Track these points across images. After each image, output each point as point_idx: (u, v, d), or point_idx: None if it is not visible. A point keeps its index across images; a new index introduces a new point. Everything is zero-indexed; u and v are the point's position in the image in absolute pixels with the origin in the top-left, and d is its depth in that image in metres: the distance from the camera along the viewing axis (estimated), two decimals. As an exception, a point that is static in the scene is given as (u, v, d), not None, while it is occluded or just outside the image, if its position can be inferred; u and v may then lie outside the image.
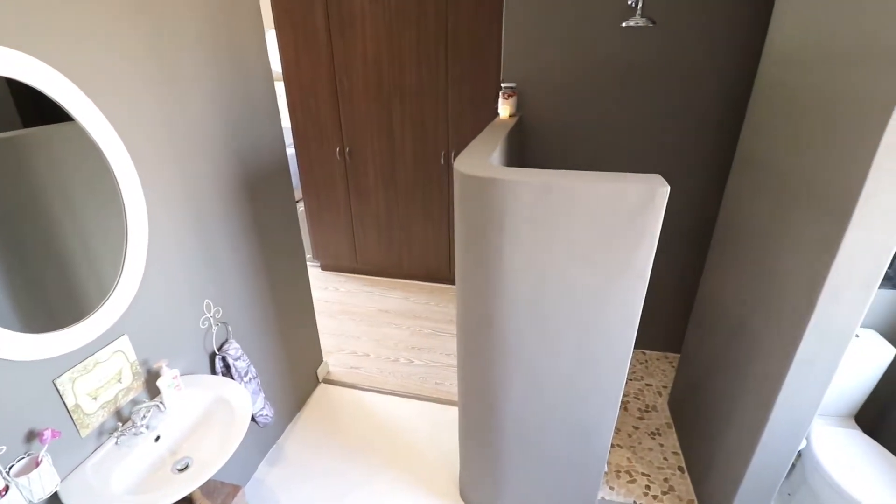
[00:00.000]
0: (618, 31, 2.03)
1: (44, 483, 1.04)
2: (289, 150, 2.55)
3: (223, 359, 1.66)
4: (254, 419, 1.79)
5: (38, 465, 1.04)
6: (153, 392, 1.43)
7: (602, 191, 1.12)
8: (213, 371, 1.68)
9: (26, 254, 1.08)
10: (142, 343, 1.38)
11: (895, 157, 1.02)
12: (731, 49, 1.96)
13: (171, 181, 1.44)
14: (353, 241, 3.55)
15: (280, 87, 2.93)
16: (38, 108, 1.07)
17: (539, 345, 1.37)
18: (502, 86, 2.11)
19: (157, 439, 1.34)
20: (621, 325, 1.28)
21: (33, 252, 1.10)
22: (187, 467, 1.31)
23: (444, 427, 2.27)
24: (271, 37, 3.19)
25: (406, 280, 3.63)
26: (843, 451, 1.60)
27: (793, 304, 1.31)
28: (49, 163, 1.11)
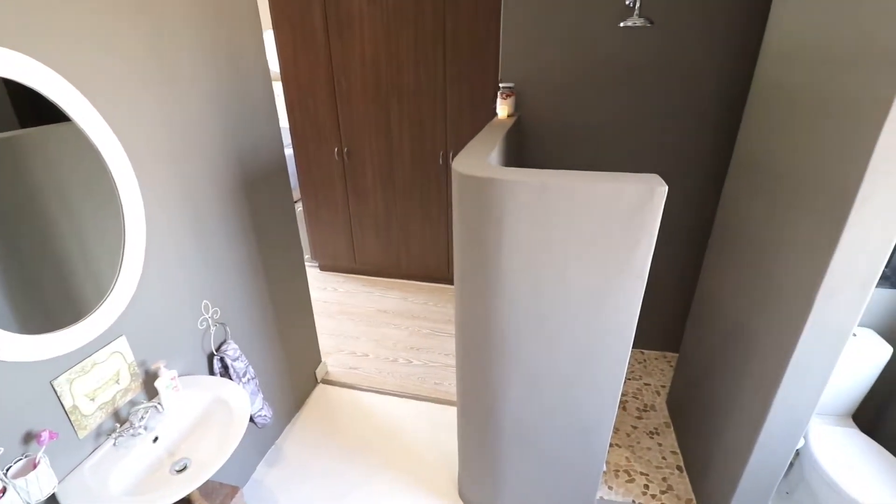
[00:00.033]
0: (616, 31, 2.03)
1: (41, 485, 1.04)
2: (287, 151, 2.55)
3: (221, 359, 1.66)
4: (252, 420, 1.79)
5: (35, 466, 1.04)
6: (151, 393, 1.42)
7: (600, 191, 1.12)
8: (211, 372, 1.68)
9: (23, 254, 1.08)
10: (140, 344, 1.38)
11: (891, 158, 1.02)
12: (730, 49, 1.97)
13: (169, 181, 1.44)
14: (351, 242, 3.55)
15: (278, 87, 2.93)
16: (35, 109, 1.07)
17: (537, 344, 1.37)
18: (500, 86, 2.11)
19: (156, 440, 1.34)
20: (620, 325, 1.28)
21: (30, 253, 1.10)
22: (185, 468, 1.31)
23: (442, 427, 2.27)
24: (269, 37, 3.19)
25: (404, 280, 3.63)
26: (841, 450, 1.61)
27: (790, 304, 1.32)
28: (46, 163, 1.11)
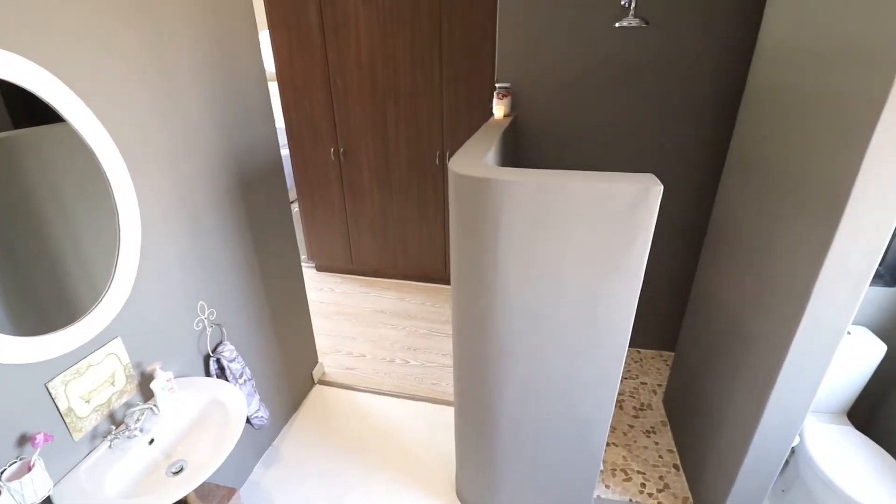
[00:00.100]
0: (612, 31, 2.03)
1: (36, 487, 1.04)
2: (283, 151, 2.55)
3: (217, 361, 1.65)
4: (249, 421, 1.78)
5: (30, 469, 1.03)
6: (147, 395, 1.42)
7: (596, 190, 1.12)
8: (207, 373, 1.67)
9: (17, 256, 1.07)
10: (135, 345, 1.37)
11: (884, 158, 1.03)
12: (726, 49, 1.98)
13: (165, 182, 1.43)
14: (347, 242, 3.55)
15: (274, 88, 2.93)
16: (28, 109, 1.06)
17: (534, 344, 1.37)
18: (497, 86, 2.11)
19: (151, 442, 1.33)
20: (616, 324, 1.29)
21: (24, 254, 1.09)
22: (182, 470, 1.31)
23: (440, 427, 2.27)
24: (265, 37, 3.19)
25: (401, 280, 3.62)
26: (836, 448, 1.62)
27: (785, 303, 1.32)
28: (40, 164, 1.10)
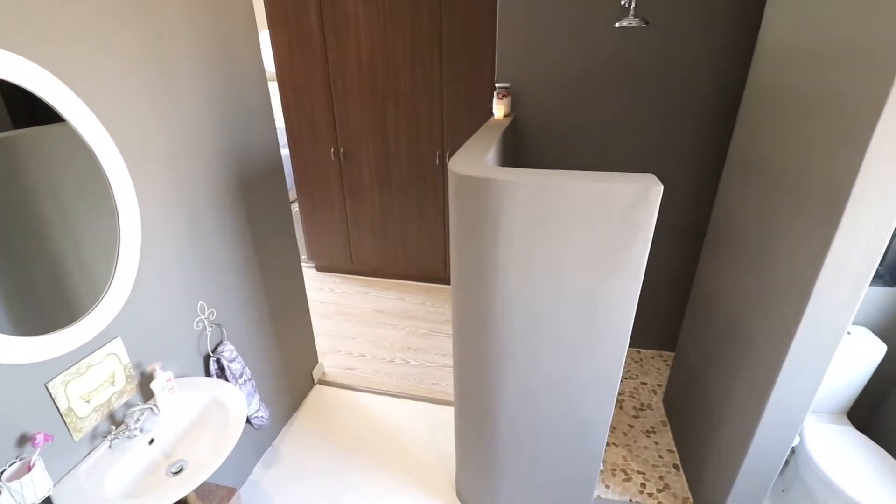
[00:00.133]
0: (612, 31, 2.03)
1: (36, 487, 1.04)
2: (283, 151, 2.55)
3: (217, 361, 1.65)
4: (249, 421, 1.78)
5: (30, 469, 1.03)
6: (147, 395, 1.42)
7: (596, 190, 1.12)
8: (207, 373, 1.67)
9: (17, 256, 1.07)
10: (135, 345, 1.37)
11: (884, 158, 1.03)
12: (726, 49, 1.98)
13: (165, 182, 1.43)
14: (347, 242, 3.55)
15: (274, 88, 2.93)
16: (28, 109, 1.06)
17: (534, 344, 1.37)
18: (497, 86, 2.11)
19: (151, 442, 1.33)
20: (616, 324, 1.29)
21: (25, 254, 1.09)
22: (182, 470, 1.31)
23: (440, 427, 2.27)
24: (265, 37, 3.19)
25: (401, 280, 3.62)
26: (836, 448, 1.62)
27: (785, 303, 1.32)
28: (40, 164, 1.10)
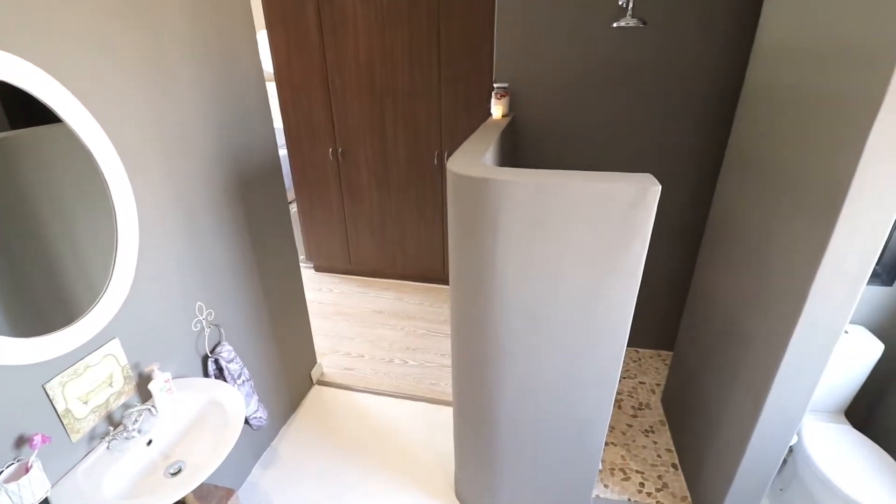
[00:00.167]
0: (610, 31, 2.03)
1: (34, 489, 1.03)
2: (281, 151, 2.54)
3: (216, 361, 1.65)
4: (247, 422, 1.78)
5: (27, 470, 1.03)
6: (145, 396, 1.41)
7: (594, 190, 1.12)
8: (205, 374, 1.67)
9: (15, 256, 1.07)
10: (133, 346, 1.37)
11: (881, 157, 1.03)
12: (724, 49, 1.98)
13: (162, 182, 1.43)
14: (346, 242, 3.54)
15: (272, 88, 2.92)
16: (25, 110, 1.06)
17: (533, 344, 1.37)
18: (495, 86, 2.11)
19: (150, 443, 1.33)
20: (614, 324, 1.29)
21: (22, 254, 1.09)
22: (180, 471, 1.30)
23: (438, 427, 2.27)
24: (263, 37, 3.18)
25: (400, 281, 3.62)
26: (834, 447, 1.62)
27: (782, 302, 1.33)
28: (37, 164, 1.10)
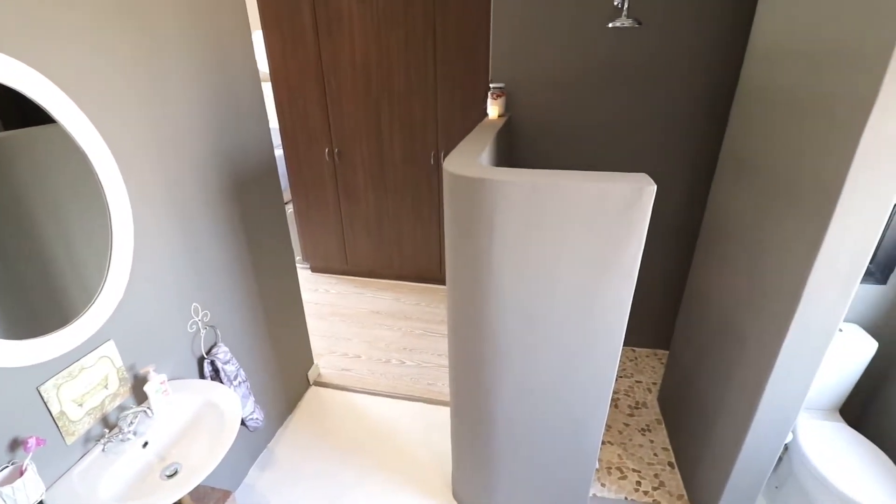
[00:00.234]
0: (606, 31, 2.04)
1: (28, 492, 1.03)
2: (277, 152, 2.54)
3: (212, 363, 1.65)
4: (244, 423, 1.78)
5: (22, 473, 1.02)
6: (140, 397, 1.41)
7: (590, 190, 1.13)
8: (201, 375, 1.66)
9: (9, 258, 1.06)
10: (128, 348, 1.36)
11: (873, 158, 1.04)
12: (719, 49, 1.99)
13: (157, 183, 1.42)
14: (342, 243, 3.54)
15: (268, 88, 2.92)
16: (20, 110, 1.05)
17: (529, 343, 1.38)
18: (491, 86, 2.12)
19: (145, 445, 1.32)
20: (610, 323, 1.29)
21: (16, 256, 1.08)
22: (176, 473, 1.30)
23: (436, 427, 2.27)
24: (258, 37, 3.17)
25: (397, 281, 3.62)
26: (829, 444, 1.63)
27: (776, 301, 1.33)
28: (32, 165, 1.09)
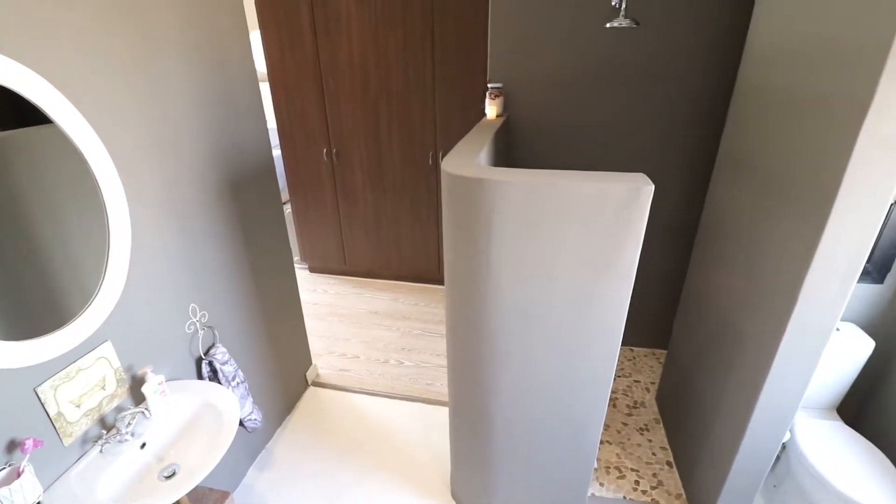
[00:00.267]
0: (604, 32, 2.04)
1: (26, 494, 1.02)
2: (275, 152, 2.53)
3: (210, 363, 1.64)
4: (242, 424, 1.77)
5: (19, 475, 1.02)
6: (138, 398, 1.40)
7: (588, 190, 1.13)
8: (199, 376, 1.66)
9: (6, 258, 1.06)
10: (126, 349, 1.36)
11: (869, 157, 1.04)
12: (716, 50, 1.99)
13: (155, 184, 1.42)
14: (341, 243, 3.54)
15: (265, 88, 2.91)
16: (17, 111, 1.05)
17: (528, 343, 1.38)
18: (489, 86, 2.12)
19: (143, 446, 1.32)
20: (609, 323, 1.29)
21: (13, 256, 1.07)
22: (174, 474, 1.30)
23: (434, 427, 2.27)
24: (256, 37, 3.16)
25: (395, 281, 3.62)
26: (826, 443, 1.64)
27: (774, 301, 1.34)
28: (29, 166, 1.08)
